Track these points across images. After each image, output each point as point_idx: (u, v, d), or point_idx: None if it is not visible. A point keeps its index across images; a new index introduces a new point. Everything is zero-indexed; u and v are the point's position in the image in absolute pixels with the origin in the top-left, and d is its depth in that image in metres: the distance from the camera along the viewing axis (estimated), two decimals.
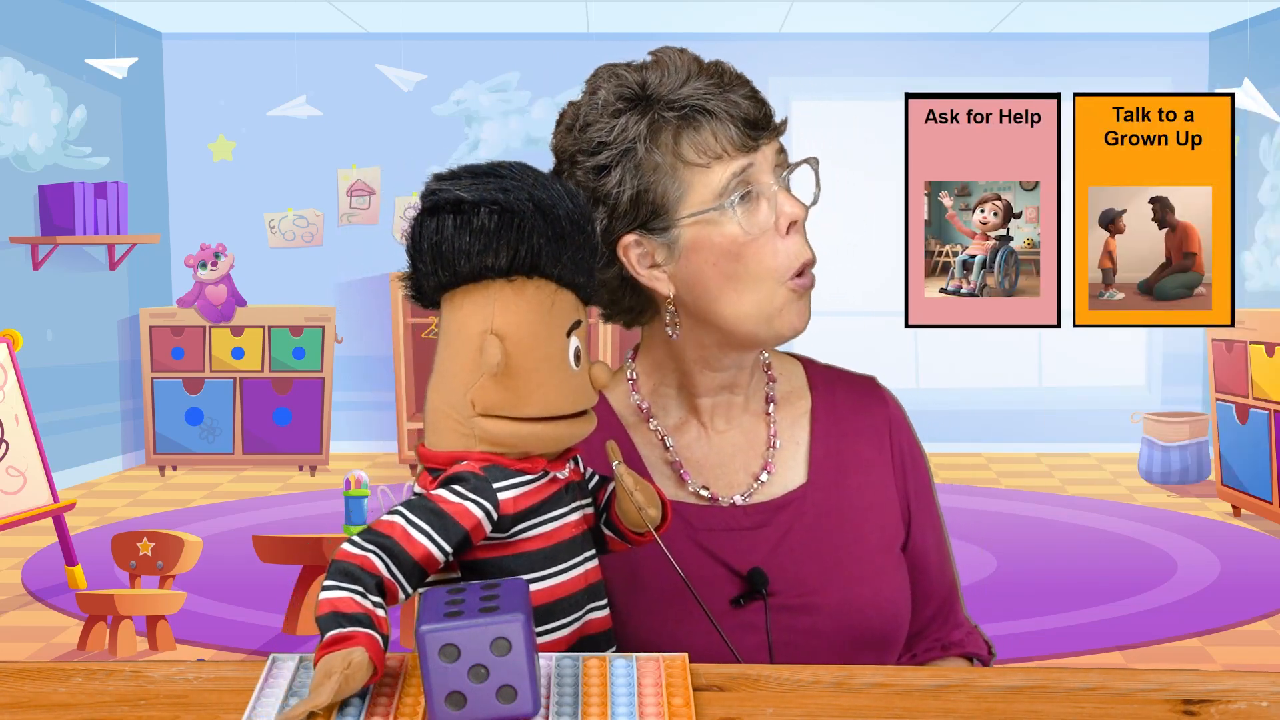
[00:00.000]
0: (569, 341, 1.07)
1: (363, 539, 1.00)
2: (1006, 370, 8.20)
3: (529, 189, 1.06)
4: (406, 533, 1.01)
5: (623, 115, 1.26)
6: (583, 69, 1.39)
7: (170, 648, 4.37)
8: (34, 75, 6.93)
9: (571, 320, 1.08)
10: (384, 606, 0.99)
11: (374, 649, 0.94)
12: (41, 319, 6.96)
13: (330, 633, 0.95)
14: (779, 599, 1.31)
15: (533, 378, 1.05)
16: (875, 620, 1.32)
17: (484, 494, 1.04)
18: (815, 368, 1.45)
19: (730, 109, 1.25)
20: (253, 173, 8.20)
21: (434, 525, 1.01)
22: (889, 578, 1.35)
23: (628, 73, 1.28)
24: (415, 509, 1.02)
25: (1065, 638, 4.42)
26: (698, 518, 1.33)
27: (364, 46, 8.07)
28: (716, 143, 1.25)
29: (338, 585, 0.97)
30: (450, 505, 1.02)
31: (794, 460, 1.38)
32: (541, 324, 1.06)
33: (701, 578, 1.31)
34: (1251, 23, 7.37)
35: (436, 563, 1.02)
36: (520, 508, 1.06)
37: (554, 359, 1.06)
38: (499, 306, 1.05)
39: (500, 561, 1.07)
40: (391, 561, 1.00)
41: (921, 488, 1.44)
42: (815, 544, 1.33)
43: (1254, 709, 0.96)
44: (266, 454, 7.70)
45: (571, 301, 1.08)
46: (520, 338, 1.05)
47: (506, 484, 1.05)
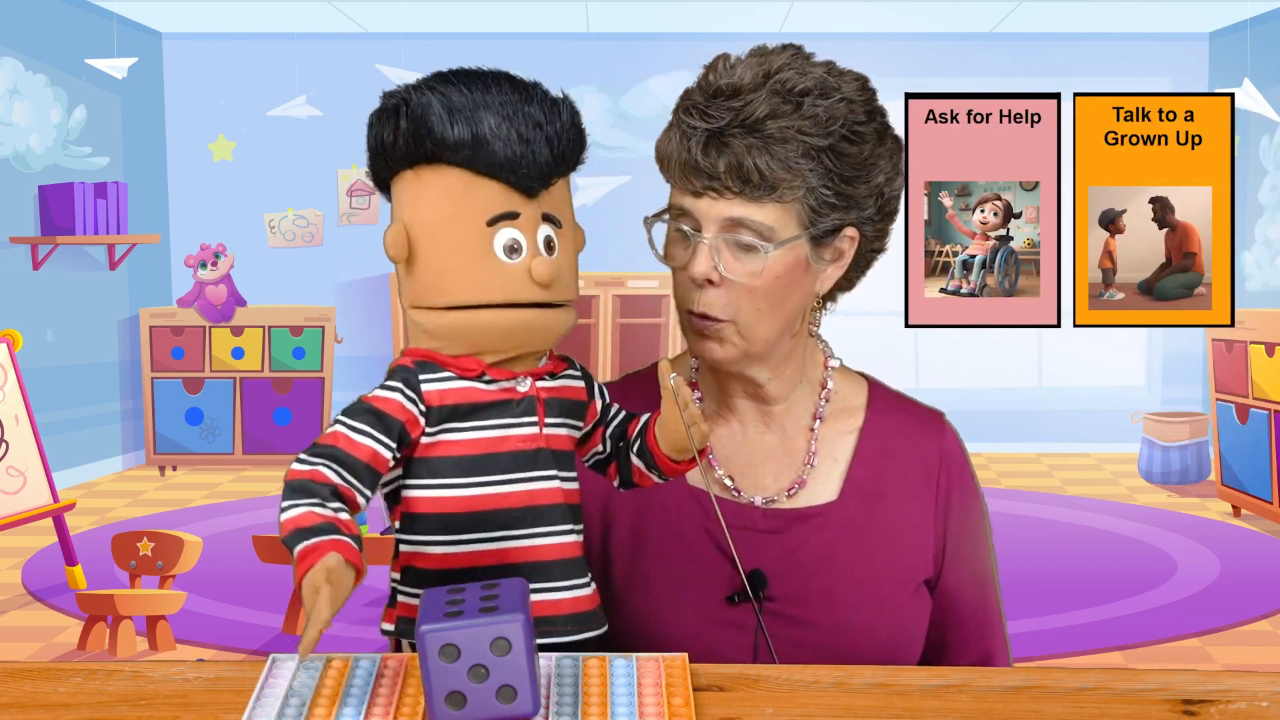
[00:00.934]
0: (494, 232, 1.05)
1: (308, 454, 1.02)
2: (1006, 370, 8.20)
3: (456, 89, 1.05)
4: (349, 438, 1.02)
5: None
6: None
7: (170, 648, 4.37)
8: (34, 75, 6.92)
9: (495, 211, 1.05)
10: (346, 510, 1.00)
11: (346, 550, 0.95)
12: (41, 319, 6.96)
13: (298, 547, 0.95)
14: (775, 606, 1.30)
15: (440, 267, 1.05)
16: (868, 650, 1.29)
17: (411, 385, 1.05)
18: (880, 391, 1.41)
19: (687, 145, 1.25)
20: (253, 173, 8.20)
21: (371, 424, 1.03)
22: (896, 612, 1.32)
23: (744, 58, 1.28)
24: (353, 412, 1.04)
25: (1065, 638, 4.42)
26: (713, 507, 1.33)
27: (364, 46, 8.07)
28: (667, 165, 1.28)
29: (294, 503, 0.98)
30: (381, 401, 1.04)
31: (828, 476, 1.35)
32: (445, 211, 1.05)
33: (702, 567, 1.30)
34: (1251, 23, 7.37)
35: (384, 460, 1.03)
36: (446, 402, 1.05)
37: (466, 247, 1.04)
38: (407, 198, 1.07)
39: (430, 462, 1.06)
40: (341, 468, 1.01)
41: (966, 530, 1.38)
42: (826, 562, 1.31)
43: (1254, 709, 0.96)
44: (266, 454, 7.70)
45: (497, 191, 1.04)
46: (424, 226, 1.05)
47: (433, 376, 1.06)
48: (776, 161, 1.20)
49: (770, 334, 1.27)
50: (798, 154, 1.20)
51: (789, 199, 1.21)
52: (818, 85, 1.22)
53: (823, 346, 1.39)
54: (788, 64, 1.23)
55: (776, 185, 1.20)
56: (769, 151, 1.20)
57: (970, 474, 1.41)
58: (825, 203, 1.23)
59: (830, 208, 1.24)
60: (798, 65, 1.23)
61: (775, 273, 1.23)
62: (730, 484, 1.34)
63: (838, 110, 1.22)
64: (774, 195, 1.21)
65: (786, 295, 1.25)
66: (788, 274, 1.24)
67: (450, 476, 1.06)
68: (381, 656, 1.02)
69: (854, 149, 1.23)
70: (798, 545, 1.31)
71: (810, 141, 1.20)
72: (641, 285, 7.73)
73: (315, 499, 0.98)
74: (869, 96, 1.27)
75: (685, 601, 1.28)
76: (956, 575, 1.37)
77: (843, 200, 1.24)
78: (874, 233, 1.31)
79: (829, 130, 1.21)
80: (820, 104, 1.21)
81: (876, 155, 1.26)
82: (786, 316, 1.27)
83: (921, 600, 1.35)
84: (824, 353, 1.39)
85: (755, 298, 1.23)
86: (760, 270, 1.22)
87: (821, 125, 1.21)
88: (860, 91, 1.26)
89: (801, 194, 1.22)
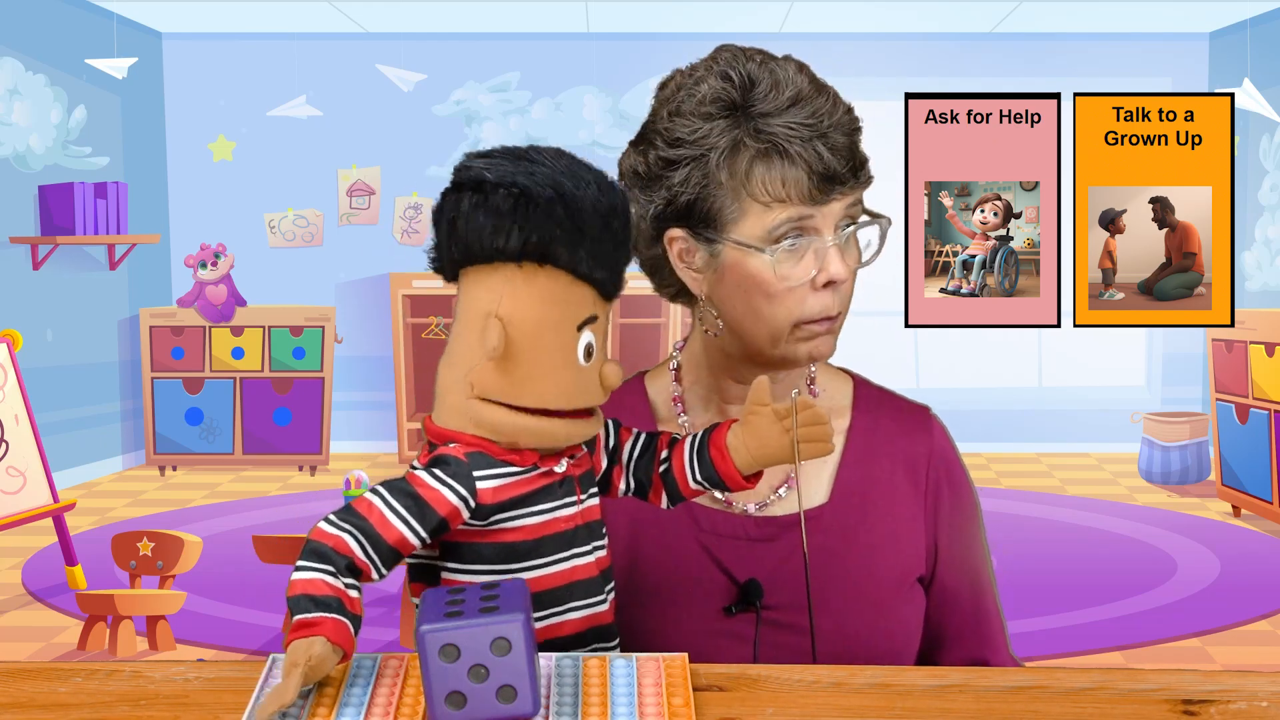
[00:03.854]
0: (579, 336, 1.04)
1: (339, 518, 1.00)
2: (1006, 370, 8.20)
3: (555, 176, 1.03)
4: (383, 516, 1.00)
5: (711, 121, 1.24)
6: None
7: (170, 648, 4.37)
8: (34, 75, 6.93)
9: (585, 315, 1.05)
10: (357, 587, 0.99)
11: (340, 634, 0.94)
12: (41, 319, 6.96)
13: (298, 616, 0.95)
14: (772, 614, 1.29)
15: (533, 368, 1.03)
16: (865, 651, 1.29)
17: (463, 481, 1.02)
18: (866, 388, 1.41)
19: (812, 159, 1.22)
20: (253, 173, 8.20)
21: (410, 510, 1.01)
22: (893, 612, 1.32)
23: (739, 70, 1.25)
24: (394, 491, 1.01)
25: (1065, 638, 4.42)
26: (706, 519, 1.33)
27: (364, 46, 8.07)
28: (783, 187, 1.22)
29: (309, 566, 0.97)
30: (427, 490, 1.01)
31: (818, 479, 1.35)
32: (549, 314, 1.03)
33: (697, 581, 1.30)
34: (1251, 23, 7.37)
35: (411, 546, 1.01)
36: (500, 499, 1.04)
37: (559, 352, 1.04)
38: (507, 291, 1.03)
39: (477, 547, 1.05)
40: (367, 542, 0.99)
41: (958, 525, 1.39)
42: (821, 566, 1.31)
43: (1254, 709, 0.96)
44: (266, 454, 7.70)
45: (587, 296, 1.05)
46: (524, 325, 1.03)
47: (489, 473, 1.04)
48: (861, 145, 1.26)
49: None
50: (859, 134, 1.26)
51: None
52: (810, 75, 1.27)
53: None
54: (788, 61, 1.27)
55: (865, 162, 1.26)
56: (857, 136, 1.26)
57: (960, 467, 1.41)
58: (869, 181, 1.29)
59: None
60: (787, 63, 1.27)
61: (862, 255, 1.29)
62: (721, 495, 1.33)
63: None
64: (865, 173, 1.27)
65: None
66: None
67: (498, 563, 1.05)
68: (381, 656, 1.02)
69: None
70: (791, 551, 1.31)
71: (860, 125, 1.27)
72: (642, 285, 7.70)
73: (331, 568, 0.98)
74: None
75: (683, 615, 1.28)
76: (950, 570, 1.37)
77: None
78: None
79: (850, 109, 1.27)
80: (829, 90, 1.26)
81: None
82: None
83: (916, 598, 1.35)
84: None
85: (853, 282, 1.28)
86: (859, 255, 1.28)
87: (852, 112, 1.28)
88: None
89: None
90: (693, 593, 1.30)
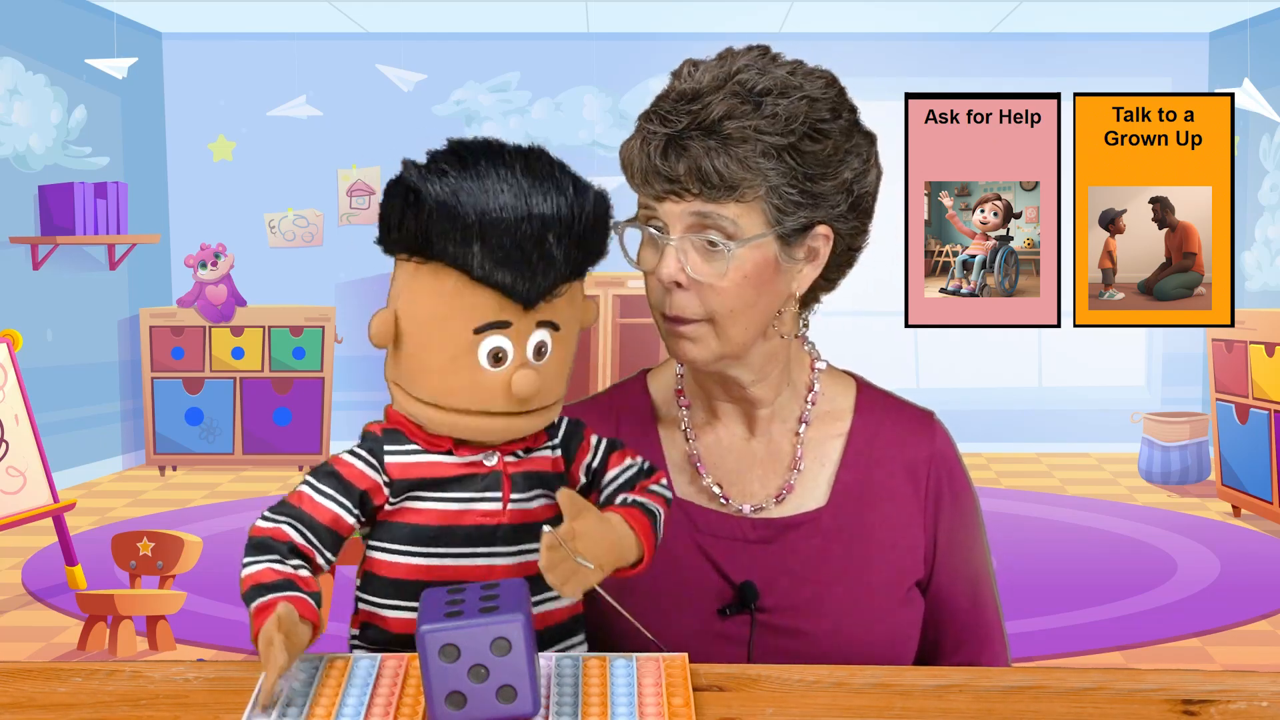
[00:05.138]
0: (480, 339, 1.03)
1: (273, 511, 1.05)
2: (1006, 370, 8.20)
3: (470, 180, 1.03)
4: (312, 499, 1.05)
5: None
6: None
7: (170, 648, 4.37)
8: (34, 75, 6.92)
9: (487, 319, 1.03)
10: (306, 568, 1.02)
11: (300, 604, 0.97)
12: (41, 319, 6.96)
13: (254, 604, 0.98)
14: (768, 617, 1.29)
15: (421, 362, 1.05)
16: (862, 655, 1.28)
17: (375, 455, 1.07)
18: (869, 392, 1.40)
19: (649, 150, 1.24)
20: (253, 173, 8.20)
21: (335, 488, 1.05)
22: (890, 616, 1.31)
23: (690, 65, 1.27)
24: (319, 474, 1.06)
25: (1065, 638, 4.42)
26: (703, 520, 1.32)
27: (364, 46, 8.07)
28: (630, 168, 1.27)
29: (254, 560, 1.02)
30: (345, 467, 1.06)
31: (816, 481, 1.34)
32: (437, 311, 1.04)
33: (693, 582, 1.30)
34: (1251, 23, 7.37)
35: (346, 525, 1.05)
36: (408, 476, 1.07)
37: (447, 350, 1.04)
38: (406, 284, 1.06)
39: (390, 526, 1.08)
40: (303, 527, 1.03)
41: (958, 531, 1.37)
42: (818, 570, 1.30)
43: (1254, 709, 0.96)
44: (266, 454, 7.70)
45: (490, 300, 1.03)
46: (414, 319, 1.05)
47: (397, 448, 1.07)
48: (735, 161, 1.19)
49: (745, 334, 1.26)
50: (756, 153, 1.20)
51: (751, 198, 1.21)
52: (778, 85, 1.22)
53: (809, 349, 1.38)
54: (750, 65, 1.23)
55: (736, 185, 1.20)
56: (727, 152, 1.19)
57: (962, 473, 1.40)
58: (790, 201, 1.22)
59: (796, 206, 1.23)
60: (759, 65, 1.23)
61: (743, 272, 1.23)
62: (718, 492, 1.33)
63: (798, 109, 1.21)
64: (734, 195, 1.20)
65: (758, 294, 1.25)
66: (756, 273, 1.23)
67: (408, 544, 1.07)
68: (381, 656, 1.02)
69: (817, 146, 1.22)
70: (788, 553, 1.30)
71: (769, 140, 1.20)
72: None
73: (275, 556, 1.02)
74: (835, 94, 1.26)
75: (678, 616, 1.28)
76: (948, 575, 1.37)
77: (809, 198, 1.23)
78: (850, 230, 1.29)
79: (789, 129, 1.21)
80: (780, 103, 1.21)
81: (844, 152, 1.25)
82: (760, 316, 1.26)
83: (914, 603, 1.35)
84: (810, 355, 1.38)
85: (724, 297, 1.23)
86: (726, 270, 1.22)
87: (781, 124, 1.21)
88: (825, 89, 1.25)
89: (764, 193, 1.21)
90: (688, 594, 1.29)
